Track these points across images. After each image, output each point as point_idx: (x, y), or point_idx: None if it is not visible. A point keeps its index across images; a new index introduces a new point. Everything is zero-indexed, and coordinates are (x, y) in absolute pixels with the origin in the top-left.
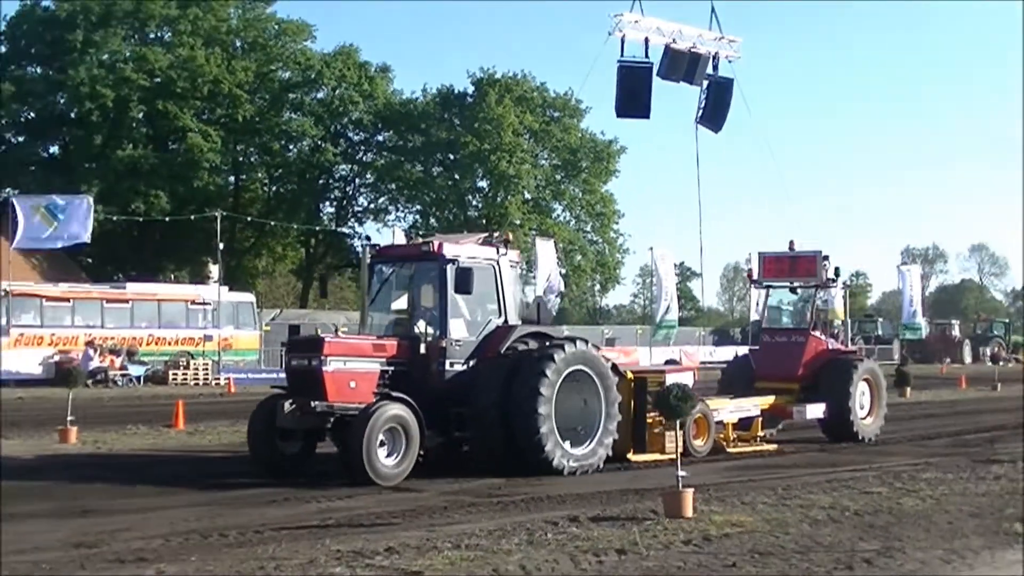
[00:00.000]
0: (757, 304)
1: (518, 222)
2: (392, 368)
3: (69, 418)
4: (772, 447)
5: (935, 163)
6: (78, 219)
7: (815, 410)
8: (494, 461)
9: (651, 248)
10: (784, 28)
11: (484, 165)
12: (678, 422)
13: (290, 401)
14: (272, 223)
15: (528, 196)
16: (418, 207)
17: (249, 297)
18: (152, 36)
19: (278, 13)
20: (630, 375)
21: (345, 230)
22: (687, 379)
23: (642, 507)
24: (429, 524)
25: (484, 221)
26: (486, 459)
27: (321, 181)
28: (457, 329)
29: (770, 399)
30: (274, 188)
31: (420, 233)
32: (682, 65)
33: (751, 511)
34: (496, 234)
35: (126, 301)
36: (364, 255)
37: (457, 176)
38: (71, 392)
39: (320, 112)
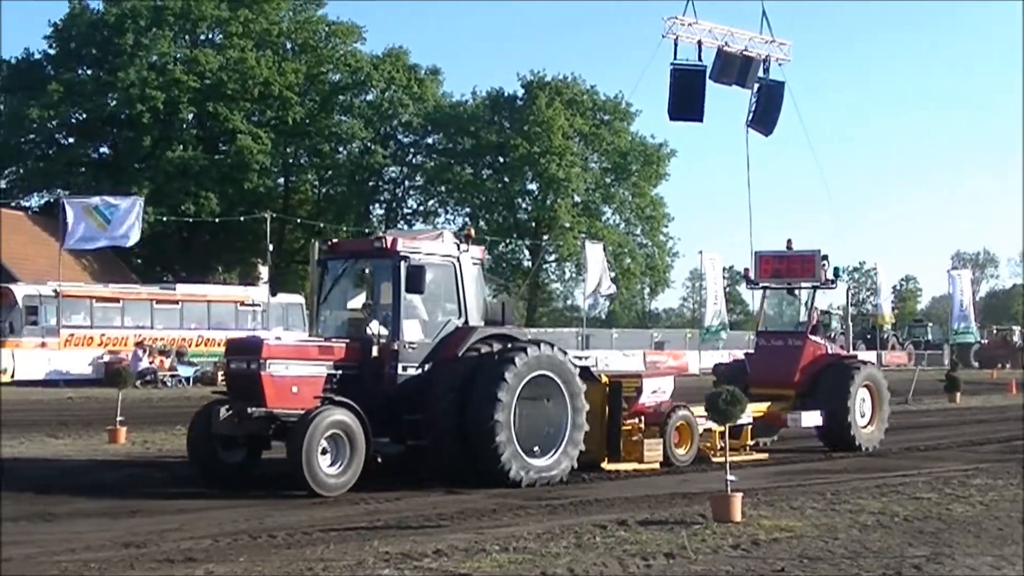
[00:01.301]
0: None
1: (568, 225)
2: (341, 372)
3: (118, 418)
4: (762, 456)
5: (986, 167)
6: (128, 220)
7: (811, 418)
8: (449, 471)
9: (700, 252)
10: (830, 29)
11: (534, 168)
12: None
13: (226, 407)
14: (322, 225)
15: (578, 199)
16: (467, 210)
17: (298, 299)
18: (202, 38)
19: (328, 15)
20: (604, 379)
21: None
22: (667, 383)
23: (690, 511)
24: (477, 526)
25: (533, 224)
26: (441, 469)
27: (371, 183)
28: (411, 330)
29: (763, 406)
30: (324, 190)
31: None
32: (734, 68)
33: (800, 516)
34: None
35: (176, 302)
36: (313, 251)
37: (506, 179)
38: (120, 392)
39: (370, 114)
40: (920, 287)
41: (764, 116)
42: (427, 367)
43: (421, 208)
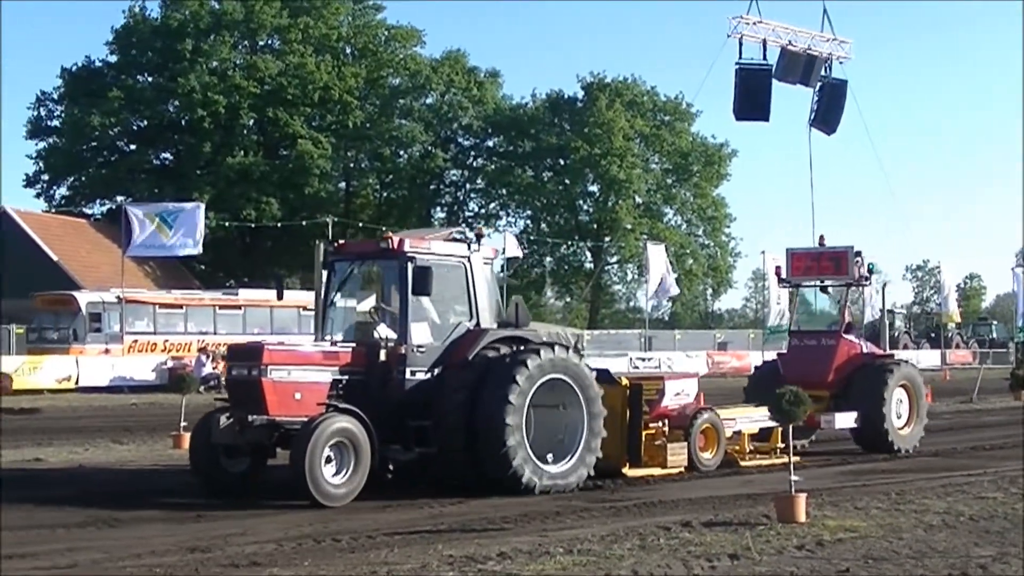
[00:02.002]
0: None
1: (629, 227)
2: (347, 377)
3: (182, 424)
4: (794, 459)
5: None
6: (190, 226)
7: (846, 419)
8: (459, 479)
9: (763, 252)
10: (892, 27)
11: (595, 170)
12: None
13: (227, 415)
14: (383, 229)
15: (639, 200)
16: (529, 212)
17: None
18: (262, 44)
19: (387, 19)
20: (625, 382)
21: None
22: (691, 385)
23: (755, 512)
24: (541, 529)
25: (595, 226)
26: (450, 476)
27: (431, 187)
28: (419, 334)
29: None
30: (385, 194)
31: (532, 239)
32: (798, 67)
33: (865, 516)
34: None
35: (238, 307)
36: (318, 253)
37: (567, 181)
38: (184, 398)
39: (430, 118)
40: (984, 285)
41: (827, 115)
42: (436, 371)
43: (482, 211)
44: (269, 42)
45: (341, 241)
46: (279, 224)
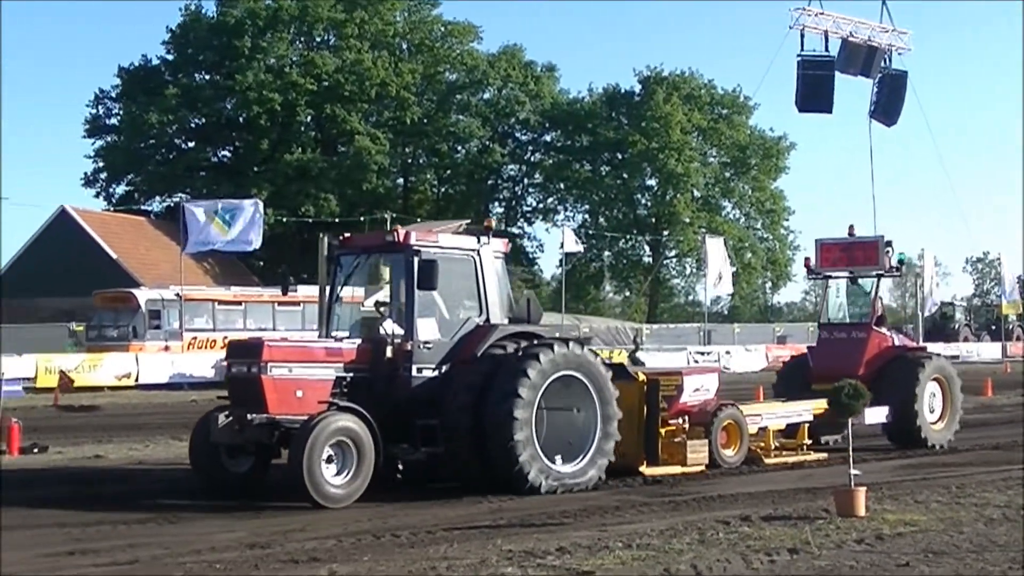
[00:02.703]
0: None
1: (687, 220)
2: (351, 375)
3: None
4: (820, 456)
5: None
6: (248, 223)
7: (876, 414)
8: (465, 478)
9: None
10: (951, 17)
11: (652, 164)
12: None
13: (225, 413)
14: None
15: (697, 194)
16: (586, 206)
17: None
18: (319, 40)
19: (443, 15)
20: (642, 377)
21: (515, 230)
22: (711, 381)
23: (814, 506)
24: (601, 524)
25: (653, 220)
26: (457, 476)
27: (489, 182)
28: (427, 329)
29: (824, 403)
30: (443, 189)
31: (590, 233)
32: (859, 58)
33: (924, 510)
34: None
35: (297, 304)
36: (322, 246)
37: (625, 175)
38: None
39: (487, 113)
40: None
41: (888, 107)
42: (444, 368)
43: (540, 205)
44: (325, 38)
45: (347, 234)
46: (337, 220)
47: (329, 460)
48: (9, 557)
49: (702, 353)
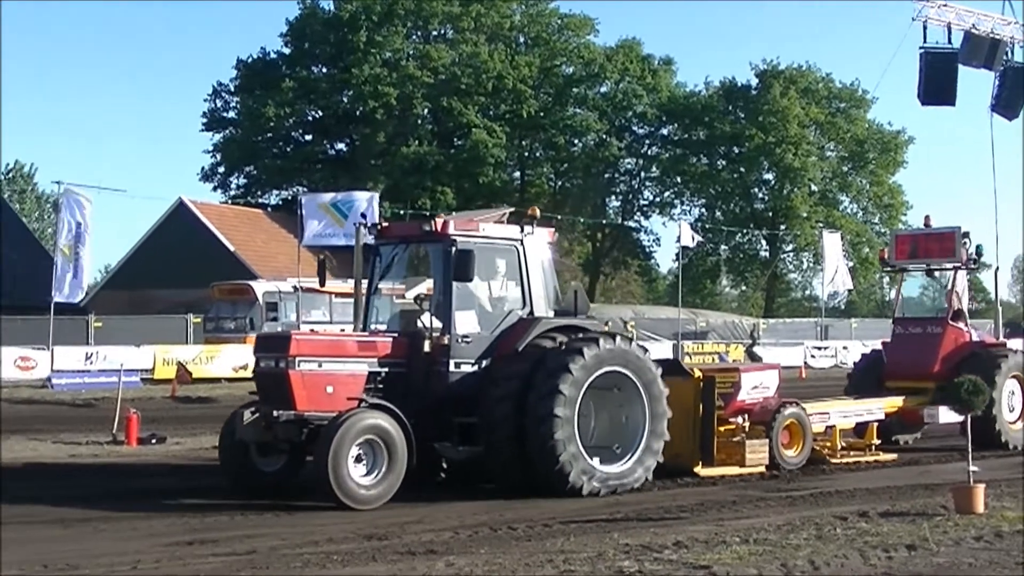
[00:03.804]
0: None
1: (805, 215)
2: (386, 370)
3: None
4: (890, 457)
5: None
6: (371, 214)
7: (950, 413)
8: (507, 479)
9: None
10: None
11: (769, 158)
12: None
13: (251, 410)
14: (558, 217)
15: (814, 188)
16: (703, 201)
17: None
18: (435, 34)
19: (560, 8)
20: (697, 374)
21: (631, 224)
22: (770, 378)
23: (932, 502)
24: (717, 518)
25: (770, 214)
26: (496, 476)
27: (606, 175)
28: (465, 322)
29: (897, 401)
30: (560, 183)
31: (707, 227)
32: (982, 51)
33: None
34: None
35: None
36: (358, 236)
37: (742, 169)
38: None
39: (604, 106)
40: None
41: (1009, 100)
42: (484, 363)
43: (657, 199)
44: (441, 32)
45: (384, 223)
46: (454, 213)
47: (358, 459)
48: (131, 546)
49: (819, 348)
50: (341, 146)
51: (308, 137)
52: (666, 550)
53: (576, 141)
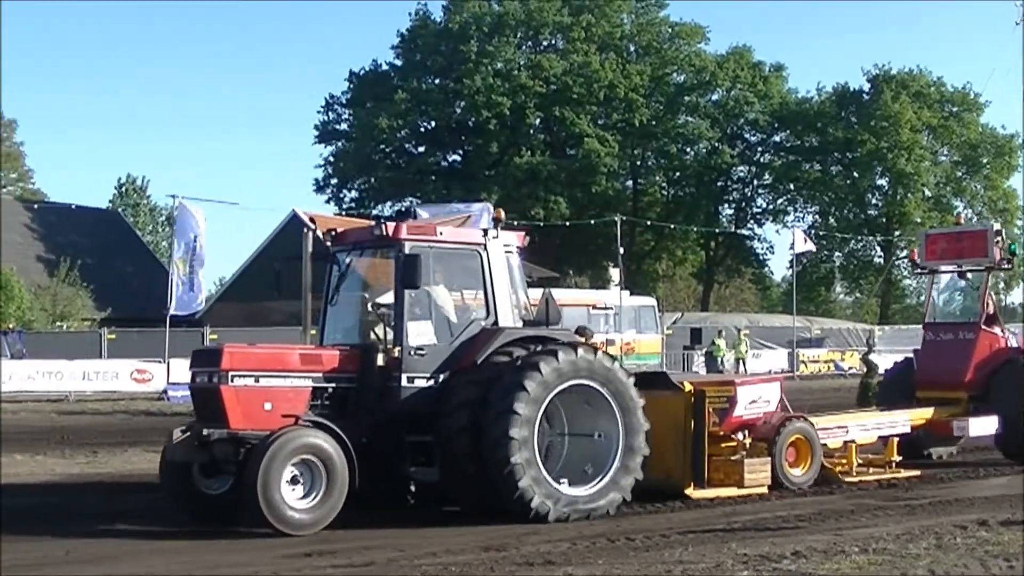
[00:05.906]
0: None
1: (919, 220)
2: (333, 385)
3: None
4: (912, 474)
5: None
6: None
7: (983, 425)
8: (469, 503)
9: None
10: None
11: (882, 163)
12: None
13: (182, 428)
14: (671, 226)
15: (928, 193)
16: (816, 207)
17: (650, 301)
18: (545, 44)
19: (671, 16)
20: (688, 387)
21: (744, 232)
22: (771, 391)
23: None
24: (836, 528)
25: (884, 220)
26: (459, 500)
27: (719, 183)
28: (419, 334)
29: (925, 412)
30: (672, 191)
31: (820, 234)
32: None
33: None
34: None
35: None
36: (305, 242)
37: (855, 175)
38: None
39: (716, 114)
40: None
41: None
42: (441, 377)
43: (770, 207)
44: (552, 42)
45: (340, 229)
46: (567, 223)
47: (294, 481)
48: (246, 558)
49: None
50: (454, 157)
51: (421, 148)
52: (784, 560)
53: (688, 149)
